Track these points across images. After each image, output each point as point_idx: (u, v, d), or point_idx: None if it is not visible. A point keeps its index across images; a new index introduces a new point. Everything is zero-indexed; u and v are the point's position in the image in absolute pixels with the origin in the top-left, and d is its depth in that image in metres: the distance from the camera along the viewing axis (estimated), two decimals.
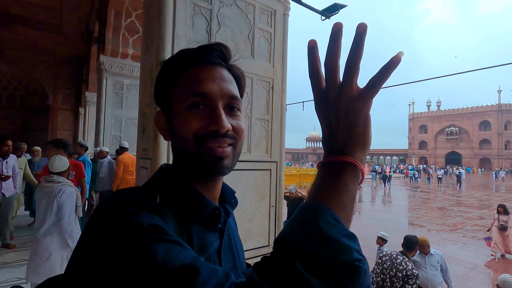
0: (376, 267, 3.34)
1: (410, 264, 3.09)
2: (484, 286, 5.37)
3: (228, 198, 0.62)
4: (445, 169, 35.41)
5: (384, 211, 12.28)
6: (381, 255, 3.52)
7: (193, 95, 0.50)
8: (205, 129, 0.49)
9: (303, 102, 14.65)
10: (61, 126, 11.54)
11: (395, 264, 3.12)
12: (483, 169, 44.66)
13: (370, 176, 26.06)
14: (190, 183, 0.53)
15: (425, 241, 3.94)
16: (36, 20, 8.83)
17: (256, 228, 2.49)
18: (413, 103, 65.57)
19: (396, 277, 3.04)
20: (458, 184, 22.46)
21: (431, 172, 29.21)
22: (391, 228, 9.45)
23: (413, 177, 26.39)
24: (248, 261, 1.98)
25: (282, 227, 2.73)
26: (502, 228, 6.66)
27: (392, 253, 3.32)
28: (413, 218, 11.22)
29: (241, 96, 0.57)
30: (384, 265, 3.22)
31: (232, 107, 0.53)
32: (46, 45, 10.06)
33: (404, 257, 3.22)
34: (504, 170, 33.87)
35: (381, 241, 4.76)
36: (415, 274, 3.02)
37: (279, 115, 2.69)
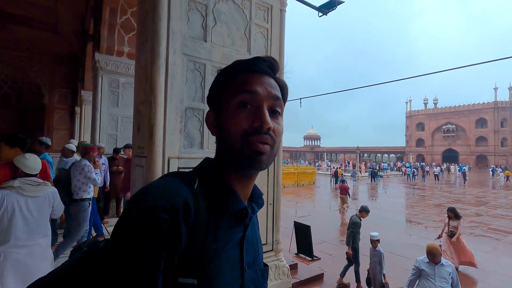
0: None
1: None
2: (481, 282, 5.40)
3: (256, 197, 0.67)
4: (441, 167, 35.55)
5: (383, 209, 12.31)
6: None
7: (242, 92, 0.57)
8: (251, 127, 0.55)
9: (300, 99, 14.64)
10: (57, 126, 11.44)
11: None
12: (471, 166, 44.89)
13: (367, 174, 26.18)
14: (227, 178, 0.59)
15: (436, 249, 3.57)
16: (31, 18, 8.72)
17: None
18: (410, 101, 65.85)
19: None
20: (464, 181, 22.40)
21: (427, 169, 29.34)
22: (390, 227, 9.49)
23: (411, 175, 26.53)
24: None
25: (280, 226, 2.71)
26: (451, 235, 5.88)
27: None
28: (411, 215, 11.26)
29: (283, 105, 0.64)
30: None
31: (274, 111, 0.59)
32: (42, 43, 9.95)
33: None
34: (500, 167, 34.06)
35: (375, 242, 4.48)
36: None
37: None
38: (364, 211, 5.33)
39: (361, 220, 5.21)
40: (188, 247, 0.48)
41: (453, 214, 6.03)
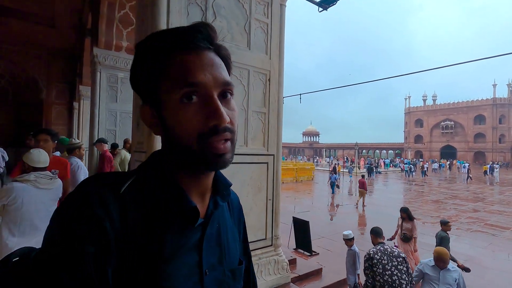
0: (375, 269, 3.15)
1: (396, 249, 3.27)
2: (478, 278, 5.46)
3: (221, 189, 0.59)
4: (439, 163, 35.73)
5: (382, 205, 12.37)
6: (371, 255, 3.24)
7: (184, 85, 0.46)
8: (205, 126, 0.47)
9: (300, 94, 14.61)
10: (55, 121, 11.37)
11: (390, 254, 3.17)
12: (468, 163, 44.93)
13: (365, 169, 26.35)
14: (177, 173, 0.52)
15: (446, 254, 3.30)
16: (28, 12, 8.63)
17: (253, 222, 2.48)
18: (409, 97, 65.84)
19: (400, 263, 3.11)
20: (468, 178, 22.52)
21: (426, 166, 29.67)
22: (388, 222, 9.54)
23: (409, 171, 26.70)
24: None
25: (279, 221, 2.73)
26: (405, 239, 5.33)
27: (379, 248, 3.25)
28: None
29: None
30: (383, 261, 3.16)
31: (225, 94, 0.50)
32: (39, 38, 9.85)
33: (386, 245, 3.32)
34: (498, 164, 34.20)
35: (349, 241, 4.42)
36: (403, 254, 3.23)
37: (276, 107, 2.66)
38: (448, 222, 5.32)
39: (447, 233, 5.18)
40: (122, 261, 0.42)
41: (406, 215, 5.51)
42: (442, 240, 5.06)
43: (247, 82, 2.44)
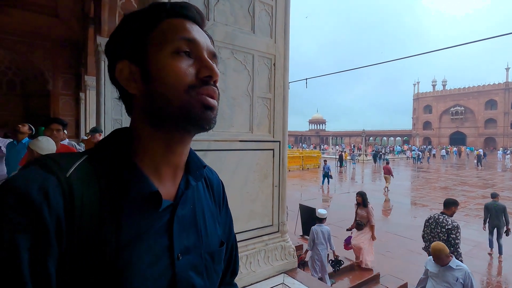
0: (426, 229, 4.08)
1: (449, 220, 3.85)
2: (486, 262, 5.45)
3: (194, 169, 0.56)
4: (447, 149, 35.22)
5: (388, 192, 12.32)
6: (426, 219, 4.12)
7: (180, 39, 0.47)
8: (196, 78, 0.47)
9: (306, 79, 14.39)
10: (62, 112, 11.50)
11: (439, 223, 3.88)
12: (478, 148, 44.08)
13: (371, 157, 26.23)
14: (146, 147, 0.49)
15: (439, 250, 3.05)
16: (30, 2, 8.59)
17: (259, 208, 2.48)
18: (418, 83, 64.44)
19: (442, 232, 3.83)
20: (479, 163, 22.32)
21: (434, 152, 29.40)
22: (395, 208, 9.52)
23: (417, 158, 26.47)
24: (252, 241, 1.95)
25: (285, 208, 2.73)
26: (357, 226, 5.00)
27: (435, 216, 4.03)
28: (416, 197, 11.27)
29: None
30: (431, 226, 3.97)
31: None
32: (42, 28, 9.84)
33: (444, 216, 3.92)
34: (509, 150, 33.57)
35: (318, 220, 4.60)
36: (455, 225, 3.76)
37: (281, 93, 2.61)
38: (497, 195, 6.14)
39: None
40: (71, 251, 0.40)
41: (361, 199, 5.09)
42: (505, 211, 5.74)
43: (251, 67, 2.38)
